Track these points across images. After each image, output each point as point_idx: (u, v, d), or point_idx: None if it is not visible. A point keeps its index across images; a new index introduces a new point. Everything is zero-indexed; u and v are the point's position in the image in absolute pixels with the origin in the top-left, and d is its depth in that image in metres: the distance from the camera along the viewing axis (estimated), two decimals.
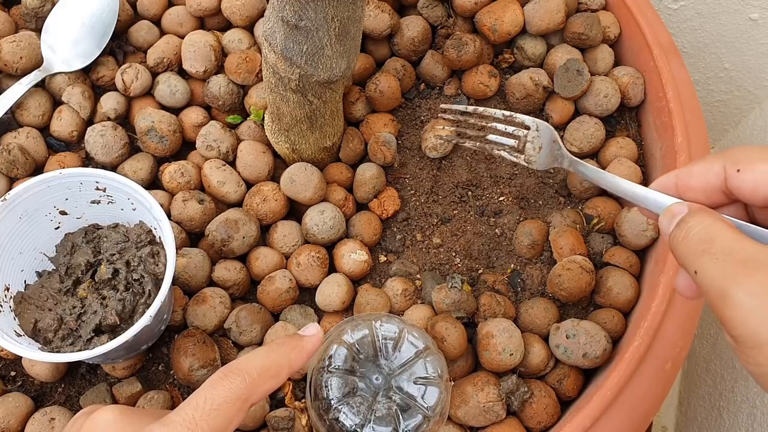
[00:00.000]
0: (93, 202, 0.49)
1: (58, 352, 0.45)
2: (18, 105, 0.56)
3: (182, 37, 0.60)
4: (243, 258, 0.53)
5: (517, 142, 0.47)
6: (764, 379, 0.27)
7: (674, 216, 0.33)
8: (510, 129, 0.47)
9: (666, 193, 0.35)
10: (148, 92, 0.59)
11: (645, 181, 0.58)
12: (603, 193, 0.57)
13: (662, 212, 0.34)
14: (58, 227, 0.49)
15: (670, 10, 0.81)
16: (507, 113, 0.48)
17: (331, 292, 0.51)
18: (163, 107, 0.58)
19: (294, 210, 0.56)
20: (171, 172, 0.54)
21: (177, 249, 0.47)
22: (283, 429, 0.46)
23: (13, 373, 0.50)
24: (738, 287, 0.27)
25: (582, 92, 0.58)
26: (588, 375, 0.51)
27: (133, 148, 0.57)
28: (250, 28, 0.61)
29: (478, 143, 0.49)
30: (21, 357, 0.49)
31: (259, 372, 0.36)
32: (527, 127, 0.46)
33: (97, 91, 0.59)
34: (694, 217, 0.31)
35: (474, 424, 0.48)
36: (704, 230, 0.30)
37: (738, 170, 0.31)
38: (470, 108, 0.49)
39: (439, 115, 0.53)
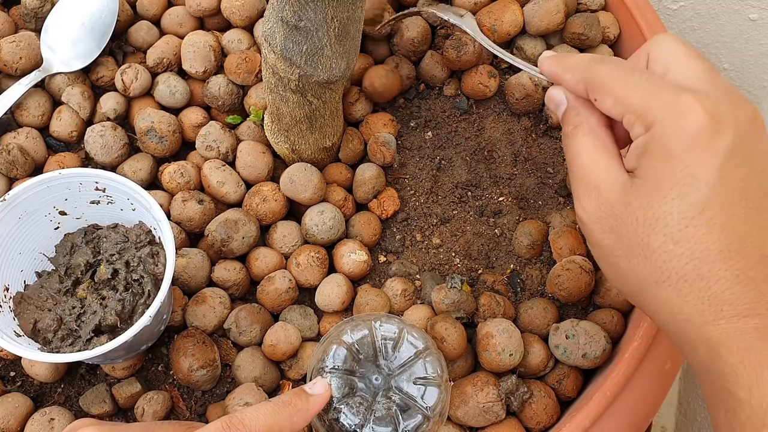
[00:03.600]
0: (92, 202, 0.49)
1: (57, 352, 0.45)
2: (17, 105, 0.56)
3: (182, 37, 0.59)
4: (242, 258, 0.53)
5: None
6: (598, 258, 0.38)
7: (557, 105, 0.39)
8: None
9: (550, 79, 0.40)
10: (148, 92, 0.59)
11: None
12: None
13: (546, 95, 0.40)
14: (58, 227, 0.49)
15: (669, 10, 0.81)
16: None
17: (331, 292, 0.51)
18: (162, 107, 0.58)
19: (294, 210, 0.56)
20: (170, 173, 0.54)
21: (176, 249, 0.47)
22: None
23: (12, 374, 0.50)
24: (579, 204, 0.37)
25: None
26: (587, 375, 0.51)
27: (132, 148, 0.57)
28: (249, 28, 0.61)
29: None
30: (20, 357, 0.49)
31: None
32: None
33: (97, 91, 0.59)
34: (573, 132, 0.37)
35: (474, 425, 0.48)
36: (575, 147, 0.37)
37: (595, 99, 0.36)
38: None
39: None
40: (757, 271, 0.32)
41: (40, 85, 0.58)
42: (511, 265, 0.55)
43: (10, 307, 0.47)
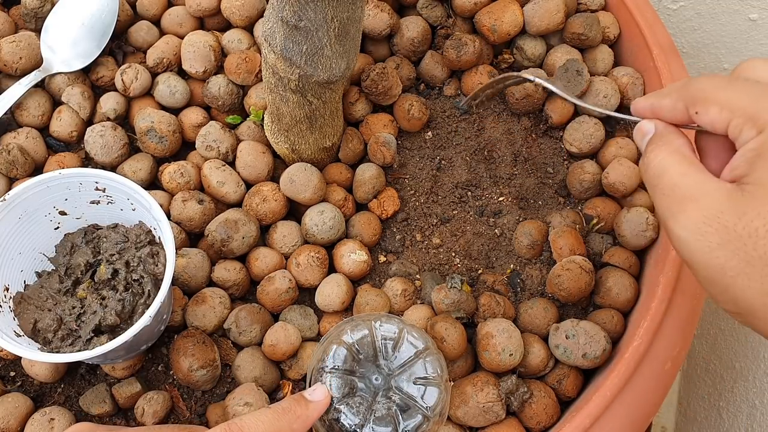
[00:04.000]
0: (92, 202, 0.49)
1: (57, 352, 0.45)
2: (17, 105, 0.56)
3: (182, 37, 0.60)
4: (243, 258, 0.53)
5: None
6: (704, 282, 0.34)
7: (644, 135, 0.38)
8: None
9: (644, 116, 0.38)
10: (148, 92, 0.59)
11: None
12: (602, 193, 0.57)
13: (635, 129, 0.39)
14: (58, 227, 0.49)
15: (669, 10, 0.81)
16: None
17: (331, 292, 0.51)
18: (162, 107, 0.58)
19: (294, 210, 0.56)
20: (170, 173, 0.54)
21: (176, 249, 0.47)
22: None
23: (12, 374, 0.50)
24: (675, 222, 0.33)
25: (582, 92, 0.58)
26: (587, 375, 0.51)
27: (132, 148, 0.57)
28: (249, 28, 0.61)
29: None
30: (20, 357, 0.49)
31: None
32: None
33: (97, 91, 0.59)
34: (653, 152, 0.36)
35: (474, 425, 0.48)
36: (658, 165, 0.35)
37: (696, 112, 0.34)
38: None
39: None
40: None
41: (40, 85, 0.58)
42: (511, 265, 0.55)
43: (10, 307, 0.47)
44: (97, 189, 0.48)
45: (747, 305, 0.32)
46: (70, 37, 0.58)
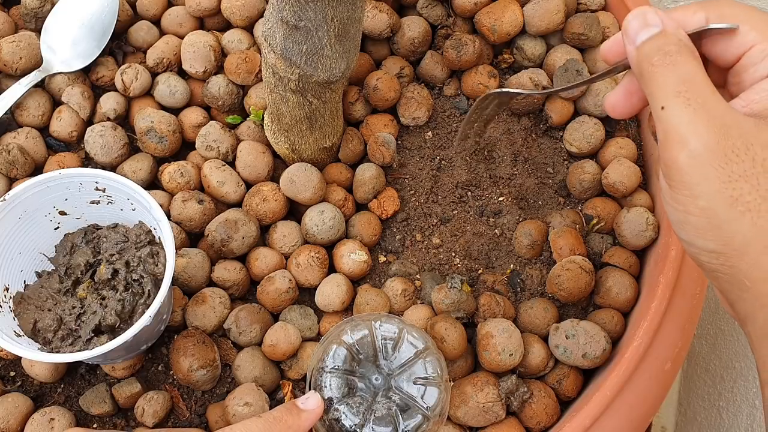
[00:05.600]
0: (92, 202, 0.49)
1: (57, 352, 0.45)
2: (17, 105, 0.56)
3: (182, 37, 0.60)
4: (242, 258, 0.53)
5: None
6: (679, 226, 0.30)
7: (647, 26, 0.32)
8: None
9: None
10: (148, 92, 0.59)
11: (645, 183, 0.58)
12: (602, 193, 0.57)
13: (633, 12, 0.33)
14: (58, 227, 0.49)
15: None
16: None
17: (331, 292, 0.51)
18: (162, 107, 0.58)
19: (294, 210, 0.56)
20: (170, 173, 0.54)
21: (176, 249, 0.47)
22: None
23: (12, 374, 0.50)
24: (698, 138, 0.29)
25: (581, 93, 0.58)
26: (587, 375, 0.51)
27: (132, 148, 0.57)
28: (249, 28, 0.61)
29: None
30: (20, 357, 0.49)
31: None
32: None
33: (97, 91, 0.59)
34: (681, 55, 0.31)
35: (473, 425, 0.48)
36: (687, 72, 0.30)
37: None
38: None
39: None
40: None
41: (40, 85, 0.58)
42: (511, 265, 0.55)
43: (10, 307, 0.47)
44: (97, 189, 0.48)
45: (741, 244, 0.29)
46: (70, 37, 0.58)
